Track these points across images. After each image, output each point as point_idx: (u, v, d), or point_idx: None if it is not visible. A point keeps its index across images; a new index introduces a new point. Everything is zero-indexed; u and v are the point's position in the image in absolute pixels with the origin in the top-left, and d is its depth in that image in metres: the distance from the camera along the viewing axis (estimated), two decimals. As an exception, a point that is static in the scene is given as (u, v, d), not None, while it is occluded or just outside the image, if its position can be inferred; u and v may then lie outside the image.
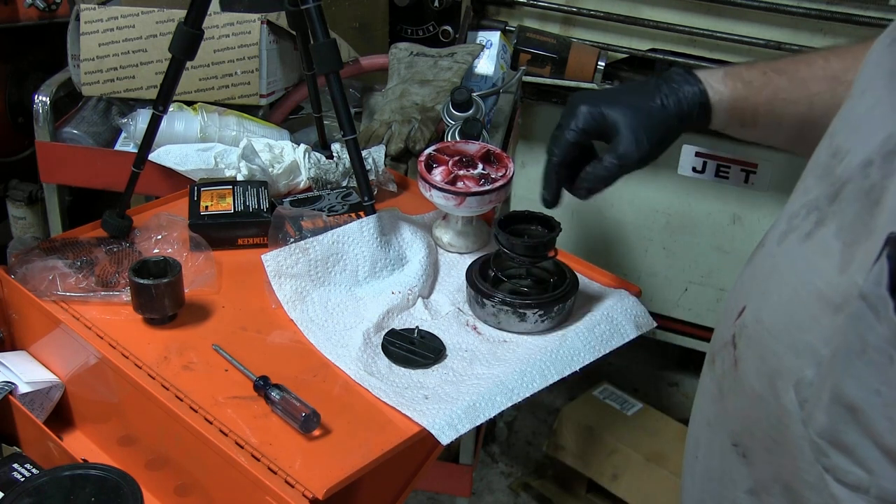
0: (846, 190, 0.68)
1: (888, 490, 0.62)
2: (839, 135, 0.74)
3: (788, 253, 0.73)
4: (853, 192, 0.67)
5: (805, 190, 0.75)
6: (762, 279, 0.76)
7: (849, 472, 0.64)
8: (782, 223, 0.76)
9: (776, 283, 0.73)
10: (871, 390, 0.61)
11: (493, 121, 1.77)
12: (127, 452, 1.04)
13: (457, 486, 1.84)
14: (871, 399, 0.61)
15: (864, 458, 0.63)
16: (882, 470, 0.62)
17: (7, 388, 1.02)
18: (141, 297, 1.04)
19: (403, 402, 0.95)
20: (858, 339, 0.61)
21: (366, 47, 1.87)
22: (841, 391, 0.63)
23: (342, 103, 1.16)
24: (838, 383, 0.64)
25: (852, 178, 0.68)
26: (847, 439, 0.64)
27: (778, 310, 0.72)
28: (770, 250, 0.77)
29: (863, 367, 0.61)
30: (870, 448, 0.62)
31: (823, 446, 0.66)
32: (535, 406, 2.66)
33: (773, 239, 0.77)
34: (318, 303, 1.11)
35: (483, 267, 1.14)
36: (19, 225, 2.25)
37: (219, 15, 1.62)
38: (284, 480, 0.84)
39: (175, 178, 1.46)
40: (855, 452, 0.64)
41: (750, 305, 0.76)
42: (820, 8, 2.13)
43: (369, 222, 1.18)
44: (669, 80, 0.96)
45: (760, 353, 0.73)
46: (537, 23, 2.36)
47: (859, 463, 0.63)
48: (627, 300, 1.14)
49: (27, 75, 2.23)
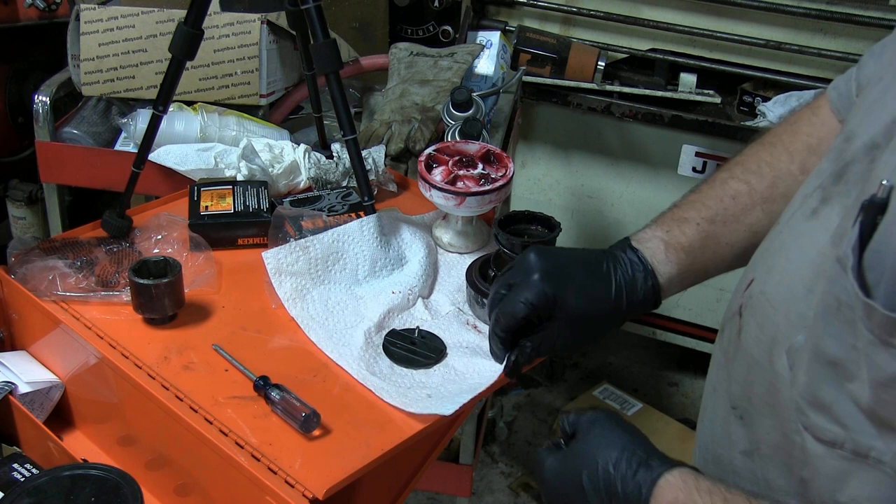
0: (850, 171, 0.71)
1: (862, 443, 0.65)
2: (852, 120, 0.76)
3: (795, 229, 0.77)
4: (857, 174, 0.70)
5: (819, 172, 0.78)
6: (771, 254, 0.80)
7: (826, 430, 0.68)
8: (796, 203, 0.80)
9: (782, 257, 0.77)
10: (847, 345, 0.64)
11: (493, 121, 1.77)
12: (127, 452, 1.04)
13: (457, 486, 1.84)
14: (847, 354, 0.65)
15: (841, 414, 0.66)
16: (856, 424, 0.65)
17: (7, 388, 1.02)
18: (141, 297, 1.04)
19: (407, 401, 0.95)
20: (834, 299, 0.65)
21: (366, 47, 1.87)
22: (820, 349, 0.67)
23: (342, 103, 1.16)
24: (818, 342, 0.68)
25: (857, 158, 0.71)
26: (825, 397, 0.67)
27: (780, 282, 0.76)
28: (781, 227, 0.81)
29: (839, 324, 0.65)
30: (845, 403, 0.66)
31: (803, 405, 0.70)
32: (535, 406, 2.66)
33: (785, 217, 0.81)
34: (319, 301, 1.11)
35: (483, 267, 1.14)
36: (19, 225, 2.25)
37: (219, 15, 1.62)
38: (284, 480, 0.84)
39: (175, 178, 1.46)
40: (832, 409, 0.67)
41: (757, 278, 0.80)
42: (820, 8, 2.13)
43: (369, 222, 1.18)
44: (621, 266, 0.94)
45: (761, 322, 0.77)
46: (537, 23, 2.36)
47: (836, 419, 0.67)
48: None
49: (27, 75, 2.23)
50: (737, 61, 2.27)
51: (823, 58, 2.19)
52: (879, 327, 0.61)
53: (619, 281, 0.93)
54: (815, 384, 0.68)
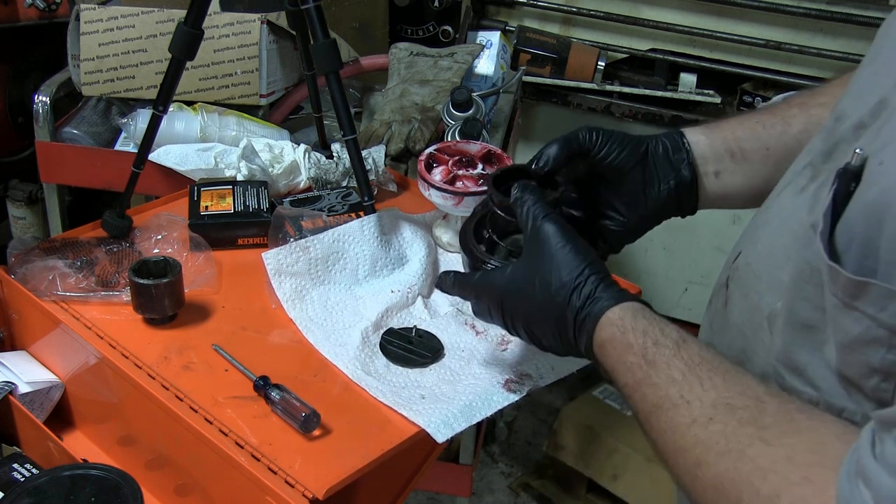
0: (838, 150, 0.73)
1: (834, 404, 0.67)
2: (844, 99, 0.77)
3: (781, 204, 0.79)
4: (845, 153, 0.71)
5: (809, 150, 0.79)
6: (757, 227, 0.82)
7: (802, 392, 0.69)
8: (786, 179, 0.81)
9: (767, 230, 0.79)
10: (818, 308, 0.66)
11: (493, 121, 1.77)
12: (127, 452, 1.04)
13: (457, 486, 1.84)
14: (818, 317, 0.66)
15: (814, 377, 0.68)
16: (828, 387, 0.67)
17: (7, 388, 1.02)
18: (141, 297, 1.04)
19: (400, 401, 0.95)
20: (807, 264, 0.67)
21: (366, 47, 1.87)
22: (794, 312, 0.69)
23: (342, 103, 1.16)
24: (792, 306, 0.70)
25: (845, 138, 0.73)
26: (799, 359, 0.69)
27: (762, 252, 0.78)
28: (770, 202, 0.82)
29: (811, 288, 0.67)
30: (818, 366, 0.68)
31: (780, 368, 0.72)
32: (535, 406, 2.66)
33: (774, 193, 0.82)
34: (318, 301, 1.11)
35: (478, 229, 0.98)
36: (19, 225, 2.25)
37: (219, 15, 1.62)
38: (284, 480, 0.84)
39: (175, 178, 1.46)
40: (806, 372, 0.69)
41: (744, 251, 0.82)
42: (820, 8, 2.13)
43: (370, 221, 1.18)
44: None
45: (745, 292, 0.79)
46: (537, 23, 2.36)
47: (810, 382, 0.69)
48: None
49: (27, 75, 2.22)
50: (737, 61, 2.27)
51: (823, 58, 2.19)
52: (843, 290, 0.62)
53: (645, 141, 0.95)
54: (790, 348, 0.70)
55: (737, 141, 0.95)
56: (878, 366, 0.62)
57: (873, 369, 0.62)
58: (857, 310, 0.62)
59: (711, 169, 0.95)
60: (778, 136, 0.94)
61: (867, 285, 0.60)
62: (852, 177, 0.64)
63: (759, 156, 0.95)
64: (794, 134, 0.93)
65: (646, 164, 0.95)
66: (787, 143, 0.93)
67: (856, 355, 0.63)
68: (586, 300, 0.79)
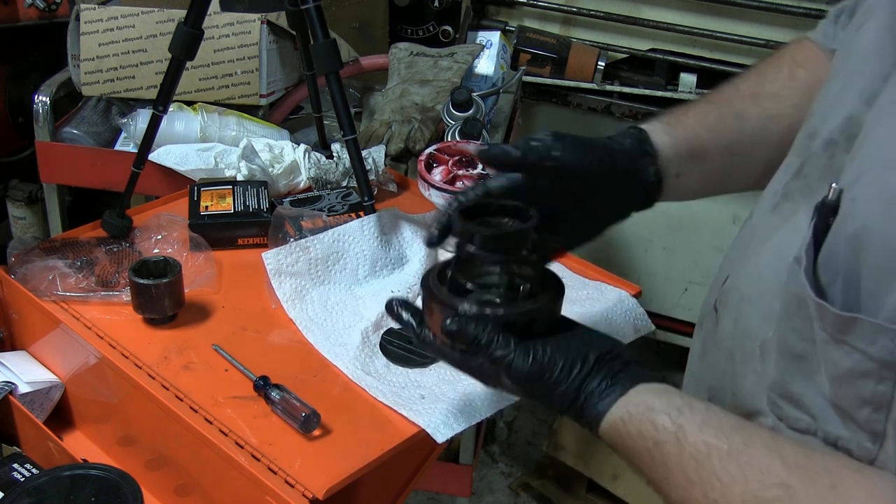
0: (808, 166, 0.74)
1: (830, 433, 0.67)
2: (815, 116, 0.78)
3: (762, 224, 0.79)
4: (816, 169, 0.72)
5: (786, 167, 0.80)
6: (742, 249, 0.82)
7: (799, 419, 0.69)
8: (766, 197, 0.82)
9: (752, 252, 0.79)
10: (808, 340, 0.66)
11: (493, 121, 1.77)
12: (127, 452, 1.04)
13: (457, 486, 1.84)
14: (809, 347, 0.66)
15: (810, 405, 0.68)
16: (824, 415, 0.67)
17: (7, 388, 1.02)
18: (141, 297, 1.04)
19: (400, 401, 0.95)
20: (794, 296, 0.67)
21: (366, 47, 1.87)
22: (786, 343, 0.69)
23: (342, 103, 1.16)
24: (783, 337, 0.70)
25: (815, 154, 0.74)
26: (794, 389, 0.69)
27: (750, 277, 0.78)
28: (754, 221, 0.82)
29: (799, 320, 0.67)
30: (813, 395, 0.68)
31: (775, 398, 0.71)
32: (535, 406, 2.66)
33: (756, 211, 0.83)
34: (318, 301, 1.11)
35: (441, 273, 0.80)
36: (19, 225, 2.24)
37: (219, 15, 1.62)
38: (284, 480, 0.84)
39: (175, 178, 1.46)
40: (802, 402, 0.69)
41: (731, 274, 0.82)
42: (820, 8, 2.13)
43: (370, 221, 1.18)
44: None
45: (735, 316, 0.79)
46: (537, 23, 2.36)
47: (806, 411, 0.69)
48: (627, 302, 1.14)
49: (27, 75, 2.22)
50: (737, 61, 2.27)
51: (823, 58, 2.19)
52: (832, 326, 0.63)
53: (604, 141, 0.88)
54: (785, 378, 0.70)
55: (698, 139, 0.91)
56: (869, 397, 0.63)
57: (865, 400, 0.63)
58: (846, 344, 0.62)
59: (674, 171, 0.90)
60: (735, 134, 0.92)
61: (855, 321, 0.61)
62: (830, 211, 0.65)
63: (716, 154, 0.92)
64: (750, 131, 0.92)
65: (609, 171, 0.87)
66: (743, 140, 0.92)
67: (847, 387, 0.64)
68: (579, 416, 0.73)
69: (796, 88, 0.92)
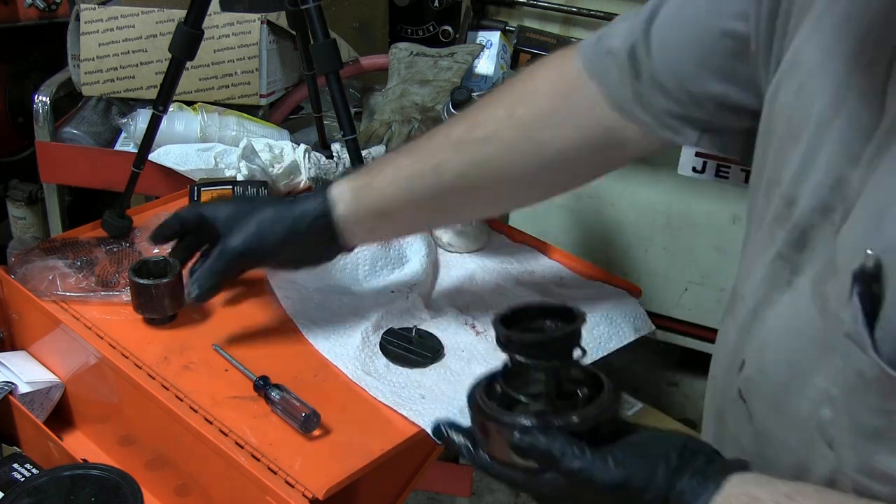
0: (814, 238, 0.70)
1: None
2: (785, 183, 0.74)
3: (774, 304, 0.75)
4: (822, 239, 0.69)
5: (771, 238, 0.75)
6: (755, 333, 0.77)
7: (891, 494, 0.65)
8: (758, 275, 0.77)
9: (771, 335, 0.75)
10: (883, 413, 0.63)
11: (493, 121, 1.77)
12: (127, 452, 1.04)
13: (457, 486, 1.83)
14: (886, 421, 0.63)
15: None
16: None
17: (7, 388, 1.02)
18: (141, 297, 1.04)
19: (400, 401, 0.95)
20: (857, 375, 0.63)
21: (366, 47, 1.87)
22: (859, 423, 0.65)
23: (342, 103, 1.16)
24: (854, 416, 0.66)
25: (816, 223, 0.70)
26: (881, 466, 0.65)
27: (778, 361, 0.73)
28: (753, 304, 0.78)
29: (871, 398, 0.63)
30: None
31: (861, 479, 0.67)
32: (535, 406, 2.66)
33: (751, 292, 0.78)
34: (318, 301, 1.11)
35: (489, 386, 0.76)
36: (19, 225, 2.24)
37: (219, 15, 1.62)
38: (284, 480, 0.84)
39: (175, 178, 1.46)
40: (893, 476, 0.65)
41: (748, 359, 0.77)
42: (820, 8, 2.13)
43: (369, 222, 1.18)
44: None
45: (774, 404, 0.74)
46: (537, 23, 2.36)
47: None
48: (627, 302, 1.14)
49: (27, 75, 2.22)
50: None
51: (823, 58, 2.19)
52: None
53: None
54: (868, 457, 0.67)
55: (387, 203, 0.97)
56: None
57: None
58: None
59: (366, 227, 1.00)
60: (430, 190, 0.96)
61: None
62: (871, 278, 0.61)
63: (409, 213, 0.99)
64: (447, 184, 0.95)
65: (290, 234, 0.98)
66: (437, 195, 0.96)
67: None
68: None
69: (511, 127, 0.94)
